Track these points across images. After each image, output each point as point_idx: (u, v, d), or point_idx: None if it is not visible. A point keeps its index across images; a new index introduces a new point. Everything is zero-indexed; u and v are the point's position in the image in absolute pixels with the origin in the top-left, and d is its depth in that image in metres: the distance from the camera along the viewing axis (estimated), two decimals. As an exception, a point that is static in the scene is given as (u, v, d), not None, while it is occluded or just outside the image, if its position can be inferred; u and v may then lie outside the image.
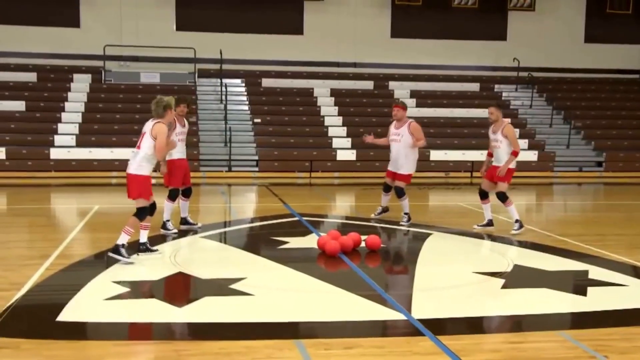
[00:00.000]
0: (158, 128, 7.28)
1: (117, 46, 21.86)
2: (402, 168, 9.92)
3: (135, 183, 7.29)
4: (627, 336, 4.99)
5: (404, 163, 9.91)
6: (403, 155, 9.88)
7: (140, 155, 7.28)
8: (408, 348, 4.68)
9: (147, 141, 7.31)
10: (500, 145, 9.39)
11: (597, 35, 24.56)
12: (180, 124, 9.26)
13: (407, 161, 9.91)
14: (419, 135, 9.82)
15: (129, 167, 7.35)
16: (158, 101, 7.42)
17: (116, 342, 4.75)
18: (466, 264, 7.36)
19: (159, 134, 7.25)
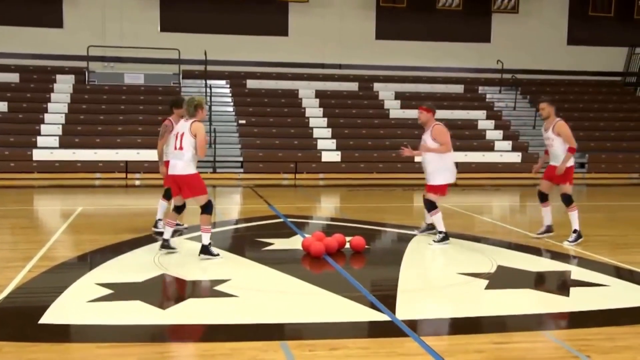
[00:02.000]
0: (196, 126, 7.35)
1: (100, 47, 21.73)
2: (431, 178, 8.58)
3: (188, 183, 7.42)
4: (609, 336, 5.03)
5: (432, 172, 8.57)
6: (429, 163, 8.57)
7: (186, 156, 7.36)
8: (392, 349, 4.69)
9: (187, 140, 7.36)
10: (553, 143, 8.87)
11: (580, 38, 24.76)
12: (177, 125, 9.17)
13: (435, 170, 8.54)
14: (442, 139, 8.47)
15: (174, 169, 7.44)
16: (189, 101, 7.49)
17: (99, 345, 4.71)
18: (450, 265, 7.39)
19: (198, 132, 7.33)
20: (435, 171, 8.52)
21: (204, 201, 7.42)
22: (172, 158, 7.49)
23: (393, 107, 22.27)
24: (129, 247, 8.20)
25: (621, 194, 16.46)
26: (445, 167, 8.54)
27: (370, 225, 10.11)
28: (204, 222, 7.42)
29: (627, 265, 7.46)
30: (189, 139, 7.34)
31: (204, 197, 7.43)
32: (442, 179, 8.55)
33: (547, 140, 9.04)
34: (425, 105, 8.77)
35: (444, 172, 8.54)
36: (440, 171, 8.52)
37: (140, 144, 18.95)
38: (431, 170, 8.55)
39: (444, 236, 8.50)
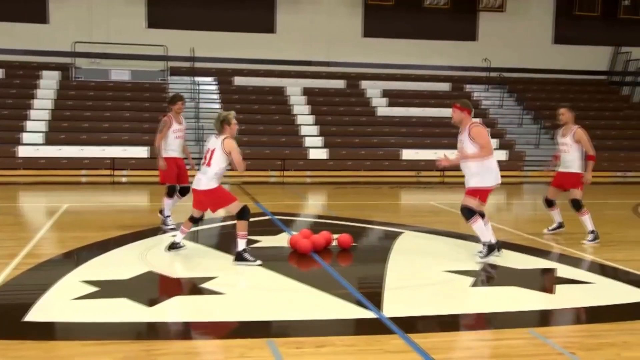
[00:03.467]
0: (228, 144, 7.15)
1: (86, 43, 21.60)
2: (472, 180, 7.47)
3: (211, 198, 7.24)
4: (594, 333, 5.07)
5: (471, 176, 7.46)
6: (468, 167, 7.47)
7: (212, 172, 7.17)
8: (379, 346, 4.70)
9: (218, 157, 7.16)
10: (569, 150, 8.91)
11: (566, 37, 24.91)
12: (177, 121, 9.31)
13: (477, 172, 7.42)
14: (481, 140, 7.34)
15: (198, 184, 7.24)
16: (217, 118, 7.37)
17: (85, 342, 4.69)
18: (437, 263, 7.41)
19: (232, 149, 7.13)
20: (476, 173, 7.38)
21: (236, 209, 7.16)
22: (198, 172, 7.33)
23: (380, 104, 22.30)
24: (115, 244, 8.17)
25: (606, 192, 16.58)
26: (487, 168, 7.39)
27: (357, 223, 10.12)
28: (239, 228, 7.15)
29: (612, 263, 7.51)
30: (220, 156, 7.14)
31: (234, 205, 7.17)
32: (484, 181, 7.39)
33: (562, 146, 9.05)
34: (459, 102, 7.61)
35: (486, 173, 7.39)
36: (483, 173, 7.38)
37: (126, 141, 18.88)
38: (473, 172, 7.41)
39: (489, 248, 7.39)
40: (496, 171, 7.51)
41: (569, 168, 9.02)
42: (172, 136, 9.16)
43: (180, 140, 9.33)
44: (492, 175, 7.45)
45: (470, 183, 7.46)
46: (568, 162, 9.03)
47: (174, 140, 9.20)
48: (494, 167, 7.48)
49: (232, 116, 7.34)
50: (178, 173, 9.33)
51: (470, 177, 7.46)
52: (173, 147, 9.21)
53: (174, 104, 9.25)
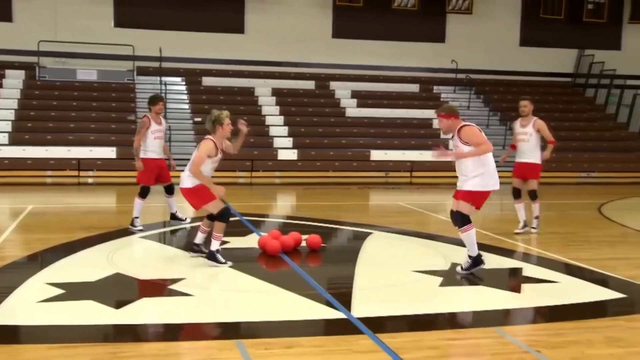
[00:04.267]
0: (201, 143, 7.08)
1: (52, 42, 21.28)
2: (466, 182, 6.85)
3: (187, 195, 7.16)
4: (558, 331, 5.15)
5: (469, 178, 6.85)
6: (466, 167, 6.87)
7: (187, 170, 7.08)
8: (348, 347, 4.71)
9: (194, 154, 7.07)
10: (529, 139, 9.32)
11: (532, 39, 25.24)
12: (156, 122, 9.35)
13: (473, 175, 6.83)
14: (476, 139, 6.73)
15: (181, 182, 7.17)
16: (208, 117, 7.20)
17: (51, 346, 4.63)
18: (405, 263, 7.46)
19: (199, 147, 7.04)
20: (475, 175, 6.75)
21: (216, 209, 7.07)
22: (183, 172, 7.23)
23: (349, 105, 22.37)
24: (81, 246, 8.06)
25: (571, 193, 16.86)
26: (487, 170, 6.79)
27: (326, 224, 10.14)
28: (216, 229, 7.04)
29: (577, 262, 7.64)
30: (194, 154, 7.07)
31: (214, 204, 7.07)
32: (483, 184, 6.78)
33: (523, 135, 9.43)
34: (442, 110, 6.95)
35: (487, 176, 6.79)
36: (483, 175, 6.77)
37: (93, 142, 18.65)
38: (471, 173, 6.76)
39: (474, 261, 6.83)
40: (495, 176, 6.88)
41: (529, 158, 9.42)
42: (150, 137, 9.19)
43: (160, 141, 9.37)
44: (493, 179, 6.84)
45: (466, 185, 6.77)
46: (527, 152, 9.41)
47: (153, 141, 9.22)
48: (493, 172, 6.86)
49: (225, 116, 7.18)
50: (159, 173, 9.38)
51: (468, 179, 6.77)
52: (152, 147, 9.23)
53: (155, 105, 9.31)
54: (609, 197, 14.61)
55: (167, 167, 9.51)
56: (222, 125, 7.11)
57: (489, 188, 6.84)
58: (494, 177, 6.86)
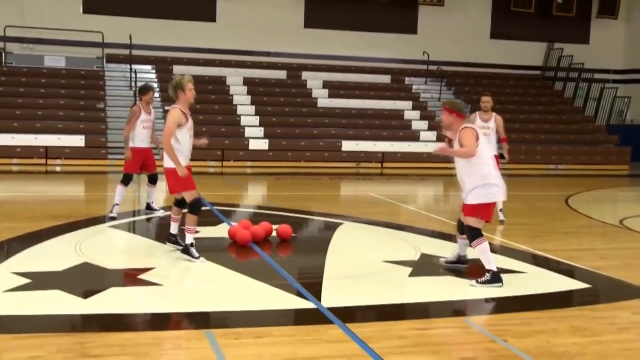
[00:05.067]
0: (169, 112, 6.84)
1: (18, 27, 20.87)
2: (468, 195, 6.42)
3: (170, 177, 6.90)
4: (525, 321, 5.23)
5: (470, 188, 6.38)
6: (466, 177, 6.44)
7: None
8: (317, 336, 4.73)
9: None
10: (490, 133, 9.78)
11: (502, 32, 25.45)
12: (146, 111, 9.36)
13: (474, 185, 6.36)
14: (466, 141, 6.30)
15: (165, 161, 6.89)
16: (170, 84, 7.00)
17: (16, 336, 4.57)
18: (376, 253, 7.50)
19: (167, 117, 6.78)
20: (474, 187, 6.36)
21: (189, 198, 6.84)
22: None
23: (321, 95, 22.35)
24: (49, 235, 7.96)
25: (539, 185, 17.09)
26: (484, 181, 6.34)
27: (297, 214, 10.15)
28: (188, 221, 6.82)
29: (543, 253, 7.76)
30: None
31: (190, 193, 6.85)
32: (482, 197, 6.33)
33: (485, 130, 9.75)
34: (449, 103, 6.57)
35: (484, 187, 6.33)
36: (480, 186, 6.33)
37: (61, 129, 18.36)
38: (469, 186, 6.40)
39: (492, 276, 6.21)
40: (497, 184, 6.39)
41: (492, 149, 9.63)
42: (139, 126, 9.25)
43: (148, 131, 9.39)
44: (495, 189, 6.38)
45: (469, 199, 6.38)
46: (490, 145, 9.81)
47: (142, 131, 9.29)
48: (492, 181, 6.37)
49: (187, 80, 6.90)
50: (144, 162, 9.40)
51: (469, 192, 6.39)
52: (141, 137, 9.30)
53: (145, 94, 9.37)
54: (576, 189, 14.84)
55: (153, 156, 9.53)
56: (184, 90, 6.86)
57: (492, 199, 6.42)
58: (496, 187, 6.37)
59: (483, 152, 6.34)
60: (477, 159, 6.29)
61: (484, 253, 6.27)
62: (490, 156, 6.47)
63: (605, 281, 6.67)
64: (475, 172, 6.33)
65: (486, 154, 6.40)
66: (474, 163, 6.32)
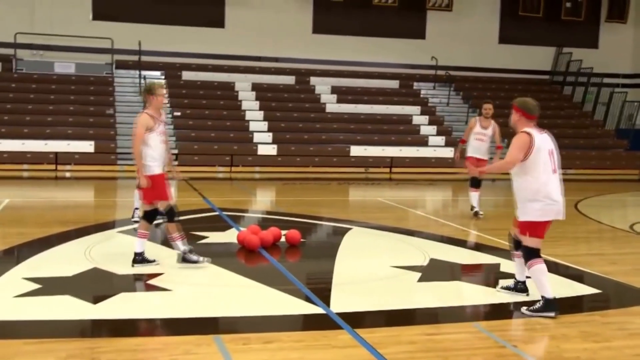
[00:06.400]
0: (137, 118, 6.68)
1: (29, 34, 21.00)
2: (520, 210, 5.75)
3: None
4: (534, 326, 5.21)
5: (522, 202, 5.71)
6: (517, 190, 5.78)
7: (145, 155, 6.65)
8: (327, 342, 4.73)
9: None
10: (487, 140, 10.49)
11: (511, 37, 25.41)
12: None
13: (525, 199, 5.68)
14: (511, 150, 5.69)
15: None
16: (142, 89, 6.91)
17: (27, 341, 4.58)
18: (384, 258, 7.49)
19: (136, 124, 6.61)
20: (524, 203, 5.68)
21: (162, 207, 6.71)
22: None
23: (329, 101, 22.36)
24: (59, 240, 7.99)
25: (548, 189, 17.00)
26: (536, 196, 5.59)
27: (305, 219, 10.15)
28: (171, 231, 6.74)
29: (553, 258, 7.71)
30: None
31: (161, 203, 6.72)
32: (532, 214, 5.63)
33: (484, 136, 10.57)
34: (517, 101, 6.01)
35: (535, 203, 5.60)
36: (531, 202, 5.62)
37: (70, 135, 18.46)
38: (519, 200, 5.74)
39: (545, 304, 5.50)
40: (553, 200, 5.62)
41: (484, 156, 10.68)
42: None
43: None
44: (552, 206, 5.61)
45: (521, 215, 5.72)
46: (485, 150, 10.67)
47: None
48: (543, 195, 5.59)
49: (158, 85, 6.80)
50: None
51: (522, 207, 5.72)
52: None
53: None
54: (585, 194, 14.77)
55: None
56: (154, 94, 6.69)
57: (546, 218, 5.64)
58: (553, 204, 5.62)
59: (538, 164, 5.56)
60: (531, 171, 5.55)
61: (537, 276, 5.59)
62: (551, 170, 5.64)
63: (615, 286, 6.63)
64: (526, 186, 5.62)
65: (543, 167, 5.58)
66: (526, 175, 5.59)
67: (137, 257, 6.76)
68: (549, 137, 5.81)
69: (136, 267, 6.65)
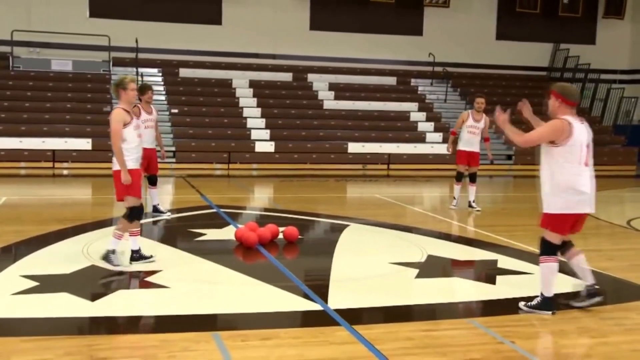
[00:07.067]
0: (111, 114, 6.61)
1: (25, 32, 20.96)
2: (545, 203, 5.49)
3: (116, 181, 6.60)
4: (532, 322, 5.22)
5: (544, 193, 5.50)
6: (543, 182, 5.51)
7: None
8: (324, 338, 4.73)
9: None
10: (479, 133, 10.80)
11: (508, 33, 25.42)
12: (146, 111, 9.41)
13: (546, 190, 5.46)
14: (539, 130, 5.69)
15: (113, 164, 6.65)
16: (112, 83, 6.74)
17: (24, 339, 4.58)
18: (382, 255, 7.50)
19: (111, 120, 6.54)
20: (550, 194, 5.41)
21: (127, 203, 6.59)
22: None
23: (327, 98, 22.36)
24: (56, 238, 7.99)
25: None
26: (563, 188, 5.30)
27: (303, 216, 10.15)
28: (119, 226, 6.62)
29: (550, 254, 7.72)
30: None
31: (132, 199, 6.60)
32: (558, 206, 5.35)
33: (475, 129, 10.82)
34: (556, 87, 5.59)
35: (563, 195, 5.31)
36: (558, 195, 5.33)
37: (68, 133, 18.44)
38: (545, 191, 5.46)
39: (543, 301, 5.42)
40: (583, 192, 5.31)
41: (475, 148, 10.91)
42: (142, 127, 9.12)
43: (151, 130, 9.43)
44: (580, 198, 5.30)
45: (545, 207, 5.44)
46: (475, 143, 10.89)
47: (145, 131, 9.20)
48: (575, 187, 5.28)
49: (129, 80, 6.67)
50: (148, 163, 9.36)
51: (546, 199, 5.45)
52: (144, 137, 9.16)
53: (144, 94, 9.37)
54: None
55: (156, 158, 9.57)
56: (125, 89, 6.60)
57: (572, 210, 5.32)
58: (581, 196, 5.30)
59: (572, 154, 5.25)
60: (563, 160, 5.27)
61: (545, 273, 5.45)
62: (584, 162, 5.31)
63: (612, 282, 6.65)
64: (556, 177, 5.31)
65: (575, 158, 5.26)
66: (557, 165, 5.29)
67: (134, 255, 6.76)
68: (586, 129, 5.40)
69: (134, 265, 6.65)
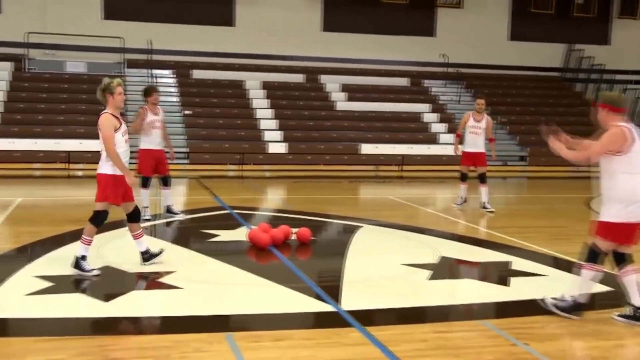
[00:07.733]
0: (100, 120, 6.45)
1: (40, 34, 21.12)
2: (602, 210, 5.31)
3: (98, 184, 6.53)
4: (546, 324, 5.18)
5: (604, 201, 5.30)
6: (603, 187, 5.31)
7: (103, 154, 6.53)
8: (337, 339, 4.73)
9: (100, 137, 6.47)
10: (481, 133, 10.92)
11: (522, 34, 25.31)
12: (153, 112, 9.40)
13: (607, 198, 5.26)
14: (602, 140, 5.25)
15: (99, 167, 6.60)
16: (99, 87, 6.60)
17: (38, 339, 4.61)
18: (395, 256, 7.48)
19: (101, 127, 6.41)
20: (612, 202, 5.18)
21: (97, 207, 6.44)
22: None
23: (339, 99, 22.35)
24: (71, 238, 8.02)
25: (560, 187, 16.93)
26: (627, 196, 5.08)
27: (316, 217, 10.14)
28: (85, 231, 6.39)
29: (564, 256, 7.68)
30: (100, 135, 6.45)
31: (101, 204, 6.46)
32: (620, 215, 5.12)
33: (477, 129, 10.99)
34: (602, 97, 5.43)
35: (627, 203, 5.08)
36: (621, 203, 5.10)
37: (82, 134, 18.54)
38: (606, 199, 5.25)
39: (574, 304, 5.29)
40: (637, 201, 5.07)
41: (480, 149, 11.05)
42: (148, 128, 9.24)
43: (158, 131, 9.43)
44: (629, 207, 5.07)
45: (603, 214, 5.22)
46: (479, 143, 11.03)
47: (152, 132, 9.40)
48: (631, 195, 5.07)
49: (116, 84, 6.49)
50: (156, 165, 9.44)
51: (605, 206, 5.23)
52: (152, 139, 9.39)
53: (150, 96, 9.40)
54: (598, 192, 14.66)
55: (165, 159, 9.58)
56: (112, 94, 6.48)
57: (633, 219, 5.10)
58: (629, 204, 5.07)
59: (632, 160, 5.03)
60: (628, 167, 5.04)
61: (583, 280, 5.29)
62: None
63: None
64: (616, 186, 5.09)
65: (637, 164, 5.05)
66: (621, 172, 5.06)
67: (145, 256, 6.75)
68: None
69: (147, 265, 6.67)
